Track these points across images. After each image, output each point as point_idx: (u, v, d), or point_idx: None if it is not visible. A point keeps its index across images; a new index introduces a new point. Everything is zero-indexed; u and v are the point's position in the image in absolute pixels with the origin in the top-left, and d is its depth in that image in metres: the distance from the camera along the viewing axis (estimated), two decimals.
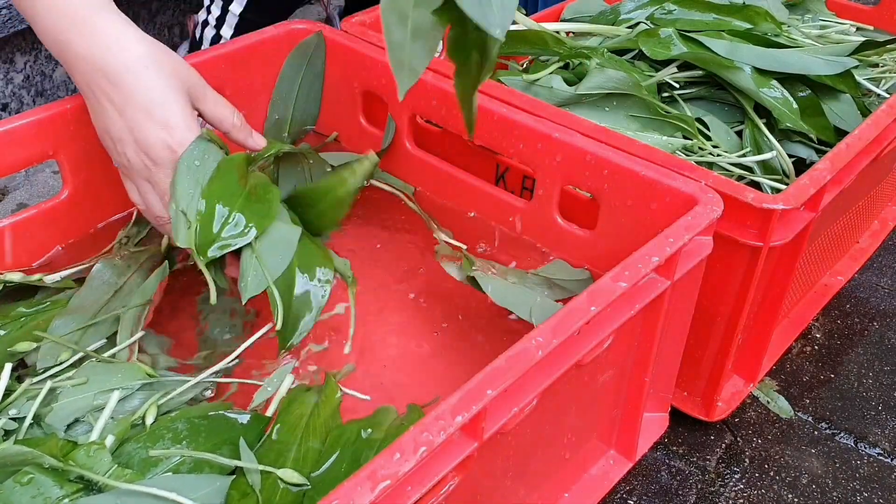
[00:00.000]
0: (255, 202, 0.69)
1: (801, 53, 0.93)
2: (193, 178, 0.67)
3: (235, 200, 0.68)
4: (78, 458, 0.54)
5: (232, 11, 1.16)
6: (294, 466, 0.58)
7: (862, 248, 1.08)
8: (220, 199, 0.67)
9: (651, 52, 0.93)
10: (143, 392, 0.62)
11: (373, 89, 0.88)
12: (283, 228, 0.70)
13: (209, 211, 0.67)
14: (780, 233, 0.72)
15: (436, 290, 0.77)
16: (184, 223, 0.66)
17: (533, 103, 0.79)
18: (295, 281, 0.69)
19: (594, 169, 0.73)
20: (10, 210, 1.15)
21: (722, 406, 0.85)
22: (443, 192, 0.86)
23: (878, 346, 0.98)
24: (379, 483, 0.44)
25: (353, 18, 0.93)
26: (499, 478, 0.61)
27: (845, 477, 0.83)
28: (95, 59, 0.64)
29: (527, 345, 0.52)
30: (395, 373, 0.73)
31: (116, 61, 0.64)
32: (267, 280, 0.66)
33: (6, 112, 1.22)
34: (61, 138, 0.75)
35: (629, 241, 0.71)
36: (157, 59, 0.66)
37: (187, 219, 0.65)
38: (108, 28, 0.65)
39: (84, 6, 0.65)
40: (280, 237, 0.69)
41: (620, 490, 0.80)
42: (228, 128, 0.71)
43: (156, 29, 1.42)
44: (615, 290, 0.57)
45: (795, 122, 0.88)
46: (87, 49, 0.64)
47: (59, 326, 0.67)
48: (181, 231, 0.65)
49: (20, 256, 0.76)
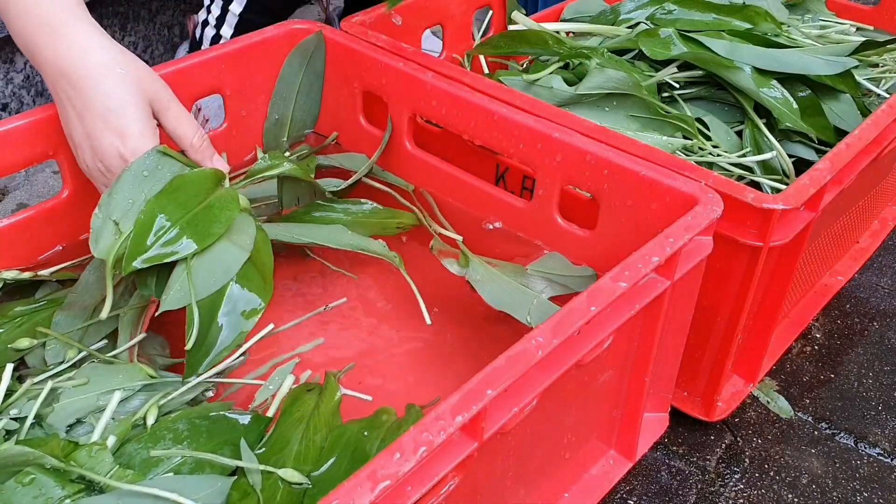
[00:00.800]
0: (205, 219, 0.67)
1: (801, 53, 0.93)
2: (138, 188, 0.65)
3: (181, 215, 0.66)
4: (79, 459, 0.55)
5: (232, 11, 1.16)
6: (295, 466, 0.58)
7: (862, 248, 1.09)
8: (163, 212, 0.65)
9: (651, 52, 0.93)
10: (144, 393, 0.62)
11: (373, 89, 0.88)
12: (229, 250, 0.66)
13: (147, 222, 0.64)
14: (780, 233, 0.72)
15: (436, 289, 0.77)
16: (109, 233, 0.64)
17: (533, 103, 0.79)
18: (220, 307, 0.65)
19: (594, 169, 0.73)
20: (10, 210, 1.15)
21: (722, 406, 0.85)
22: (443, 192, 0.86)
23: (878, 346, 0.98)
24: (379, 483, 0.44)
25: (353, 18, 0.93)
26: (499, 478, 0.61)
27: (845, 477, 0.83)
28: (59, 64, 0.65)
29: (527, 345, 0.52)
30: (395, 373, 0.73)
31: (78, 67, 0.65)
32: (191, 297, 0.63)
33: (6, 112, 1.22)
34: (61, 138, 0.74)
35: (629, 241, 0.71)
36: (120, 67, 0.66)
37: (118, 228, 0.64)
38: (73, 34, 0.65)
39: (53, 13, 0.66)
40: (220, 258, 0.66)
41: (620, 490, 0.80)
42: (187, 146, 0.70)
43: (156, 29, 1.42)
44: (615, 290, 0.57)
45: (795, 122, 0.88)
46: (52, 53, 0.65)
47: (61, 322, 0.67)
48: (102, 241, 0.64)
49: (20, 256, 0.76)
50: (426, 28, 1.05)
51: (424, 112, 0.85)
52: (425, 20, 1.04)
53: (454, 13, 1.06)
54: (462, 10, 1.07)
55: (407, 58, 0.85)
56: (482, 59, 1.05)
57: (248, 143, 0.90)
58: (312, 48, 0.90)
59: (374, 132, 0.90)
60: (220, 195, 0.70)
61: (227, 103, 0.88)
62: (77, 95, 0.65)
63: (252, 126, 0.91)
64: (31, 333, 0.66)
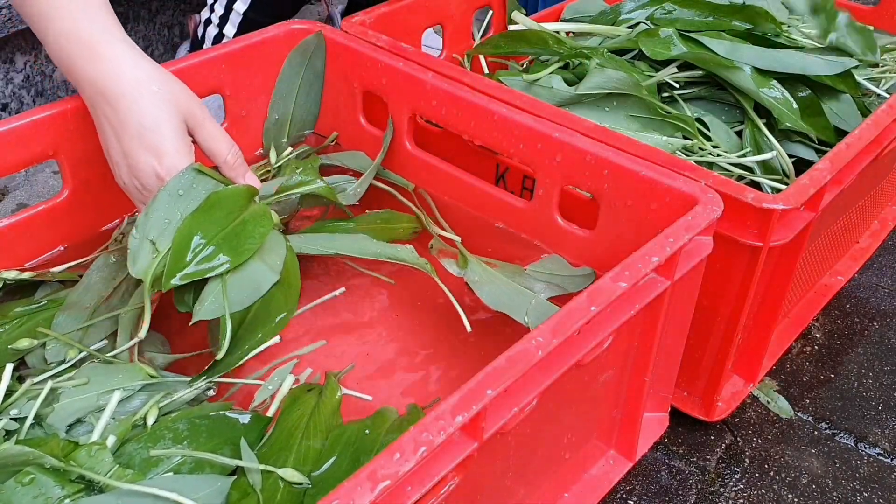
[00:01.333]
0: (239, 235, 0.68)
1: (801, 53, 0.93)
2: (174, 207, 0.66)
3: (217, 232, 0.67)
4: (79, 459, 0.55)
5: (236, 10, 1.16)
6: (295, 466, 0.58)
7: (862, 248, 1.08)
8: (199, 230, 0.67)
9: (651, 52, 0.93)
10: (144, 393, 0.62)
11: (373, 89, 0.88)
12: (260, 270, 0.68)
13: (184, 241, 0.66)
14: (780, 233, 0.72)
15: (436, 288, 0.77)
16: (146, 253, 0.65)
17: (533, 103, 0.79)
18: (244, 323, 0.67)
19: (594, 169, 0.73)
20: (10, 210, 1.16)
21: (722, 406, 0.85)
22: (443, 192, 0.86)
23: (878, 346, 0.98)
24: (379, 483, 0.44)
25: (353, 18, 0.93)
26: (499, 478, 0.61)
27: (845, 477, 0.83)
28: (96, 83, 0.66)
29: (527, 345, 0.52)
30: (395, 373, 0.73)
31: (114, 86, 0.66)
32: (225, 309, 0.65)
33: (6, 112, 1.22)
34: (61, 138, 0.75)
35: (629, 241, 0.71)
36: (155, 84, 0.67)
37: (155, 248, 0.65)
38: (109, 53, 0.67)
39: (89, 32, 0.67)
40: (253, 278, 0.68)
41: (620, 490, 0.80)
42: (221, 163, 0.71)
43: (156, 29, 1.42)
44: (615, 290, 0.57)
45: (795, 122, 0.88)
46: (89, 73, 0.66)
47: (62, 322, 0.67)
48: (140, 261, 0.65)
49: (20, 256, 0.76)
50: (426, 28, 1.05)
51: (424, 112, 0.85)
52: (425, 20, 1.04)
53: (454, 13, 1.06)
54: (462, 10, 1.07)
55: (407, 58, 0.85)
56: (482, 59, 1.05)
57: (248, 143, 0.90)
58: (312, 48, 0.90)
59: (374, 132, 0.90)
60: (253, 211, 0.71)
61: (227, 103, 0.88)
62: (114, 114, 0.66)
63: (252, 126, 0.91)
64: (32, 333, 0.66)
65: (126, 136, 0.66)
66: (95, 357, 0.65)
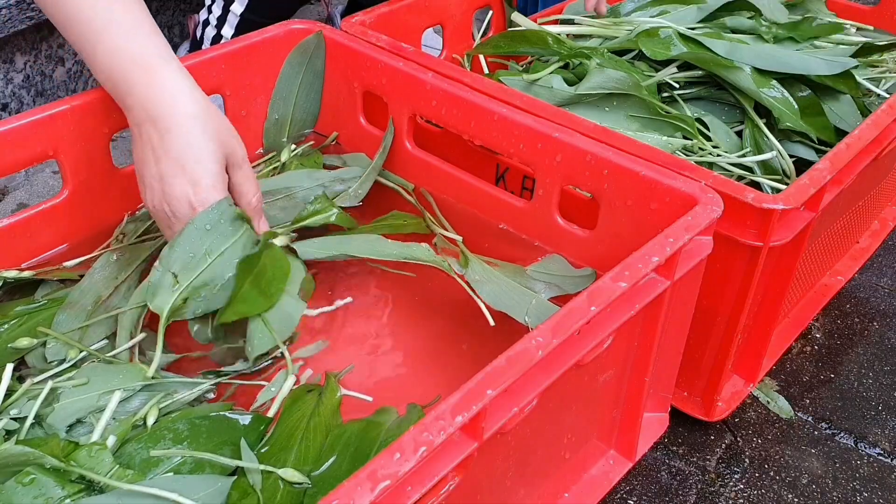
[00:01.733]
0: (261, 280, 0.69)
1: (802, 53, 0.93)
2: (199, 242, 0.66)
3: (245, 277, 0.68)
4: (79, 459, 0.55)
5: (233, 11, 1.16)
6: (295, 466, 0.58)
7: (862, 248, 1.08)
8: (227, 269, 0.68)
9: (651, 52, 0.93)
10: (144, 393, 0.62)
11: (373, 89, 0.88)
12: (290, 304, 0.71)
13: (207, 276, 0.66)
14: (780, 233, 0.72)
15: (436, 288, 0.77)
16: (167, 286, 0.65)
17: (533, 103, 0.79)
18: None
19: (594, 169, 0.73)
20: (10, 210, 1.15)
21: (722, 406, 0.85)
22: (443, 192, 0.86)
23: (878, 346, 0.98)
24: (379, 483, 0.44)
25: (353, 18, 0.93)
26: (499, 478, 0.61)
27: (845, 477, 0.83)
28: (150, 109, 0.67)
29: (527, 345, 0.52)
30: (395, 373, 0.73)
31: (168, 116, 0.66)
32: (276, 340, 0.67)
33: (6, 112, 1.22)
34: (61, 138, 0.75)
35: (629, 241, 0.71)
36: (206, 119, 0.67)
37: (176, 280, 0.65)
38: (165, 80, 0.67)
39: (146, 54, 0.67)
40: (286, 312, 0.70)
41: (620, 490, 0.80)
42: (245, 204, 0.72)
43: None
44: (615, 290, 0.57)
45: (795, 122, 0.88)
46: (144, 97, 0.67)
47: (63, 321, 0.67)
48: (159, 295, 0.65)
49: (21, 256, 0.76)
50: (426, 28, 1.05)
51: (424, 112, 0.85)
52: (425, 20, 1.04)
53: (454, 13, 1.06)
54: (462, 10, 1.07)
55: (407, 58, 0.85)
56: (482, 59, 1.05)
57: (248, 143, 0.89)
58: (312, 48, 0.90)
59: (374, 132, 0.90)
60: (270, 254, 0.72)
61: (227, 103, 0.88)
62: (160, 140, 0.66)
63: (252, 126, 0.91)
64: (32, 333, 0.66)
65: (167, 161, 0.66)
66: (96, 357, 0.65)
